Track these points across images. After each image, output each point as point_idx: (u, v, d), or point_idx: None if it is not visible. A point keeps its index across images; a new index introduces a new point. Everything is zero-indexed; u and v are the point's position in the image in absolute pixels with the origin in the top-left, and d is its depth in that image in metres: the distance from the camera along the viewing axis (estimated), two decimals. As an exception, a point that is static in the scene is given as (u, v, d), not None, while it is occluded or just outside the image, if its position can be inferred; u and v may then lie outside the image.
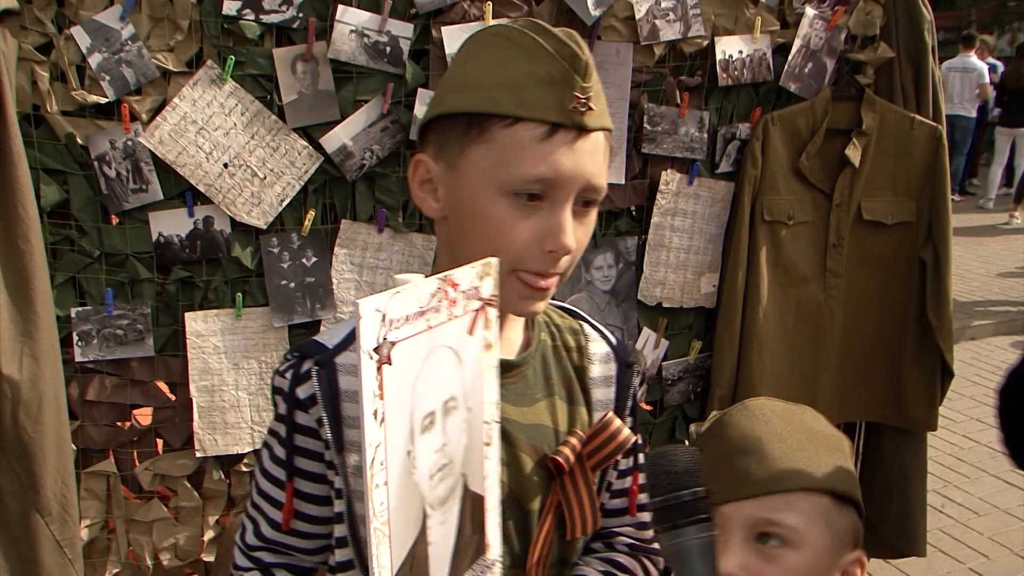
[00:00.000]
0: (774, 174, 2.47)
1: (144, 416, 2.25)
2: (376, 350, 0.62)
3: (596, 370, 1.23)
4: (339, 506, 1.10)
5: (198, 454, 2.22)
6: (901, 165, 2.55)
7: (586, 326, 1.26)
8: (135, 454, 2.25)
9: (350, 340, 1.12)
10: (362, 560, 1.09)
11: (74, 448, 2.14)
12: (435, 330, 0.74)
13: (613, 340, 1.27)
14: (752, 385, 2.50)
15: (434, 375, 0.77)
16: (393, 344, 0.64)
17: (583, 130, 1.00)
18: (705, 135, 2.45)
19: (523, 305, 1.08)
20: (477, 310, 0.79)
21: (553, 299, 2.34)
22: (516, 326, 1.20)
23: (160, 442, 2.27)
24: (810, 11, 2.44)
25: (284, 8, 2.09)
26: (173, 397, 2.23)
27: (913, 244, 2.59)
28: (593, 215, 1.08)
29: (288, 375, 1.12)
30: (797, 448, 1.05)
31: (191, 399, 2.19)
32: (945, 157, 2.56)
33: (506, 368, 1.14)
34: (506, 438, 1.12)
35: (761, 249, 2.49)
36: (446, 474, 0.81)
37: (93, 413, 2.17)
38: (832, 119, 2.48)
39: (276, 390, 1.14)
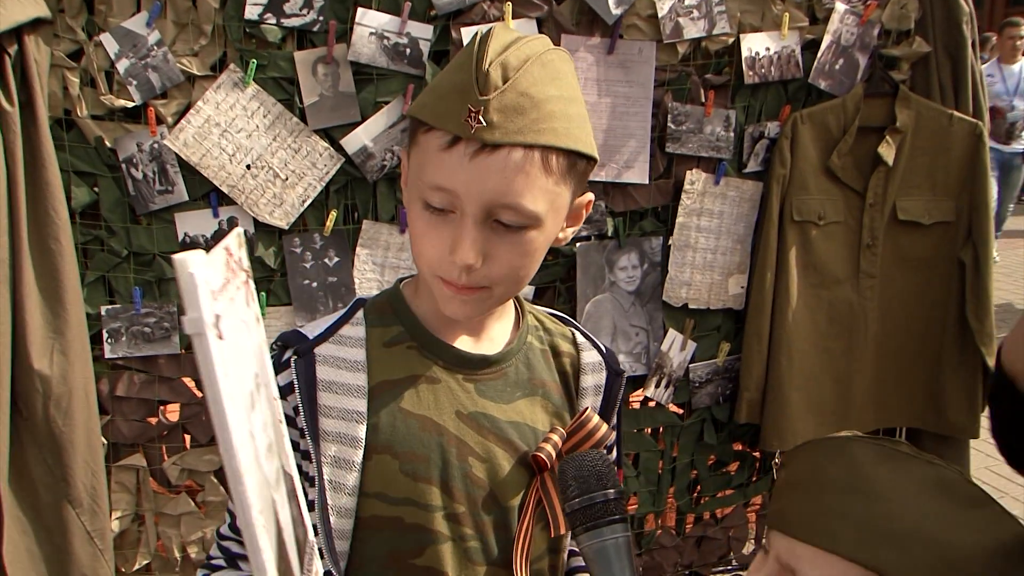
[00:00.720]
0: (804, 173, 2.42)
1: (172, 412, 2.31)
2: (215, 324, 0.62)
3: (588, 380, 1.23)
4: (311, 494, 1.12)
5: (223, 450, 2.26)
6: (939, 163, 2.47)
7: (578, 335, 1.26)
8: (163, 449, 2.31)
9: (332, 331, 1.14)
10: (330, 547, 1.10)
11: (104, 442, 2.20)
12: (235, 302, 0.74)
13: (603, 349, 1.27)
14: (781, 387, 2.45)
15: (244, 350, 0.76)
16: (218, 316, 0.64)
17: (488, 145, 0.97)
18: (732, 134, 2.41)
19: (449, 306, 1.08)
20: (245, 280, 0.77)
21: (573, 298, 2.34)
22: (502, 325, 1.20)
23: (188, 437, 2.32)
24: (840, 6, 2.38)
25: (305, 12, 2.13)
26: (200, 394, 2.28)
27: (952, 244, 2.51)
28: (526, 236, 1.03)
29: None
30: (862, 510, 0.92)
31: (216, 396, 2.23)
32: (985, 154, 2.47)
33: (486, 363, 1.15)
34: (484, 434, 1.13)
35: (790, 249, 2.44)
36: (272, 454, 0.82)
37: (123, 408, 2.24)
38: (865, 116, 2.41)
39: None
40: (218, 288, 0.63)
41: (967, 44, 2.42)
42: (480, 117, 0.96)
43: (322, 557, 1.11)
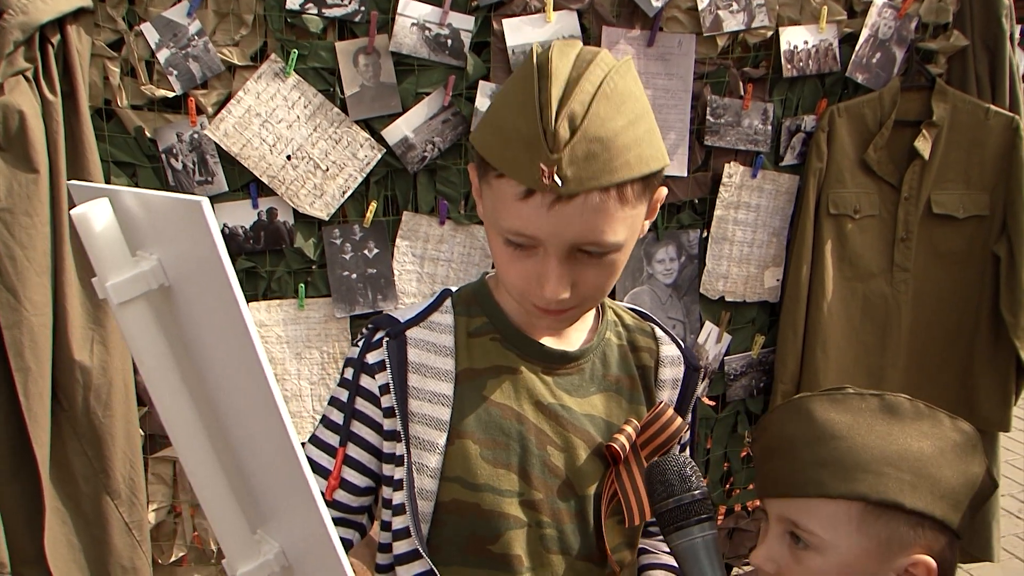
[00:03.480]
0: (840, 166, 2.42)
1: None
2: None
3: (667, 373, 1.25)
4: (399, 473, 1.13)
5: (261, 442, 2.26)
6: (974, 157, 2.48)
7: (657, 330, 1.29)
8: (200, 441, 2.30)
9: (423, 316, 1.18)
10: (416, 527, 1.11)
11: (142, 434, 2.20)
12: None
13: (682, 344, 1.29)
14: (816, 380, 2.46)
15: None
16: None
17: (561, 196, 0.97)
18: (769, 127, 2.41)
19: (540, 323, 1.14)
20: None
21: (612, 290, 2.34)
22: (582, 322, 1.22)
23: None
24: (879, 0, 2.38)
25: (346, 2, 2.11)
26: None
27: (986, 238, 2.52)
28: (609, 260, 1.05)
29: (360, 344, 1.18)
30: (829, 452, 1.02)
31: (254, 388, 2.23)
32: (1022, 148, 2.47)
33: (566, 359, 1.18)
34: (562, 424, 1.16)
35: (826, 243, 2.44)
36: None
37: (160, 400, 2.23)
38: (901, 110, 2.42)
39: (347, 360, 1.20)
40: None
41: (1006, 37, 2.42)
42: (555, 176, 0.95)
43: (408, 536, 1.13)
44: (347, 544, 1.23)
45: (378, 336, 1.16)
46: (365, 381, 1.16)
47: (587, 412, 1.17)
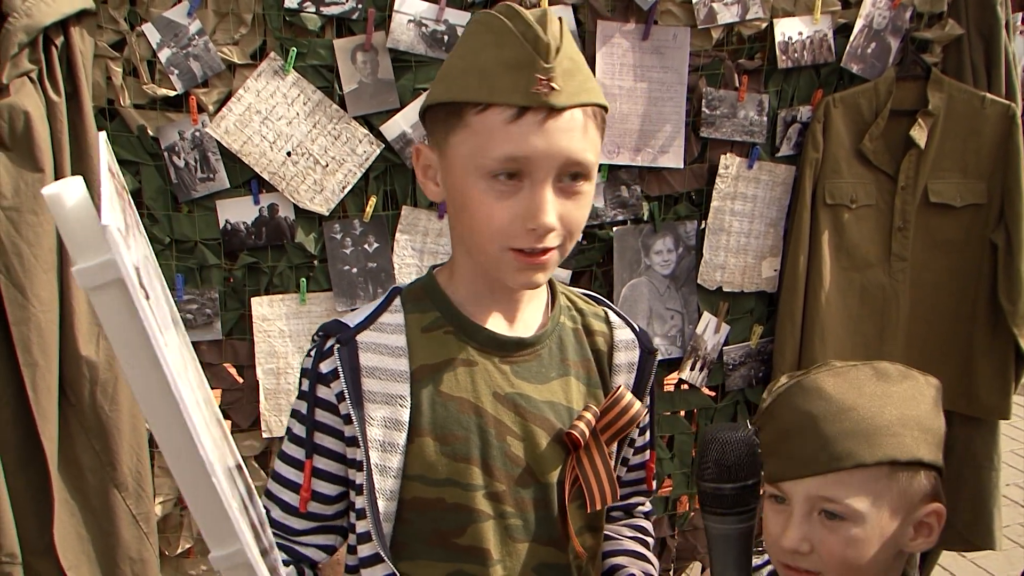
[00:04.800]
0: (836, 157, 2.43)
1: (213, 398, 2.34)
2: (141, 284, 0.56)
3: (621, 357, 1.26)
4: (360, 478, 1.14)
5: (264, 435, 2.29)
6: (971, 145, 2.48)
7: (611, 313, 1.30)
8: (206, 434, 2.34)
9: (372, 319, 1.18)
10: (378, 530, 1.12)
11: (148, 427, 2.23)
12: (135, 235, 0.66)
13: (636, 328, 1.30)
14: (814, 370, 2.47)
15: (159, 291, 0.72)
16: (138, 270, 0.57)
17: (553, 110, 1.03)
18: (765, 118, 2.42)
19: (520, 277, 1.12)
20: (120, 192, 0.70)
21: (610, 282, 2.36)
22: (535, 307, 1.23)
23: (229, 423, 2.35)
24: (873, -11, 2.39)
25: (344, 0, 2.15)
26: (240, 379, 2.31)
27: (984, 226, 2.52)
28: (586, 189, 1.10)
29: (312, 354, 1.19)
30: (853, 423, 1.07)
31: (257, 381, 2.27)
32: (1019, 136, 2.47)
33: (521, 346, 1.19)
34: (521, 413, 1.17)
35: (823, 233, 2.46)
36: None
37: (166, 394, 2.26)
38: (897, 100, 2.43)
39: (303, 371, 1.21)
40: (124, 228, 0.56)
41: (1001, 26, 2.42)
42: (552, 84, 1.02)
43: (370, 540, 1.14)
44: (331, 550, 1.25)
45: (329, 344, 1.17)
46: (322, 391, 1.17)
47: (547, 399, 1.18)
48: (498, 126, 1.04)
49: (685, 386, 2.57)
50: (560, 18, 1.07)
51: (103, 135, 0.55)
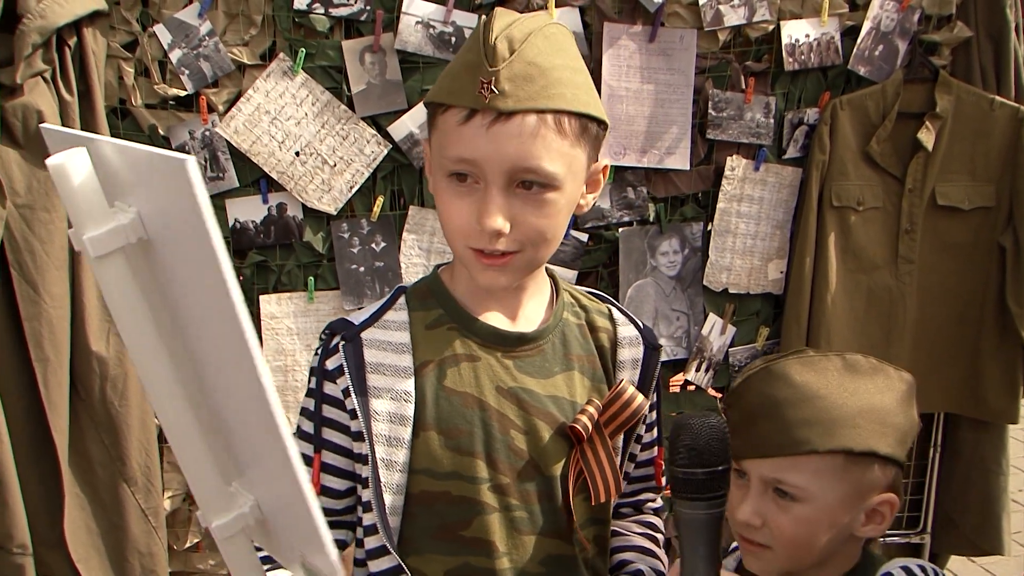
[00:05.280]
0: (843, 159, 2.43)
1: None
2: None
3: (625, 353, 1.27)
4: (366, 471, 1.16)
5: (272, 431, 2.31)
6: (979, 148, 2.48)
7: (614, 310, 1.30)
8: (215, 430, 2.37)
9: (376, 316, 1.21)
10: (384, 524, 1.14)
11: (157, 423, 2.26)
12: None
13: (640, 324, 1.31)
14: (820, 372, 2.48)
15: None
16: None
17: (501, 114, 1.03)
18: (772, 120, 2.43)
19: (482, 277, 1.14)
20: None
21: (616, 283, 2.37)
22: (537, 303, 1.25)
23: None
24: (881, -8, 2.40)
25: (352, 1, 2.17)
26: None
27: (992, 229, 2.52)
28: (548, 198, 1.09)
29: (319, 351, 1.21)
30: (812, 412, 1.13)
31: (266, 378, 2.29)
32: (1028, 139, 2.47)
33: (523, 341, 1.20)
34: (524, 407, 1.18)
35: (829, 235, 2.46)
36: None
37: (175, 390, 2.29)
38: (904, 102, 2.42)
39: (311, 370, 1.23)
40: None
41: (1010, 28, 2.41)
42: (492, 87, 1.02)
43: (376, 532, 1.16)
44: (342, 544, 1.26)
45: (335, 342, 1.18)
46: (328, 388, 1.19)
47: (550, 393, 1.19)
48: (452, 127, 1.07)
49: (691, 387, 2.58)
50: (550, 23, 1.08)
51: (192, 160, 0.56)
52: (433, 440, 1.15)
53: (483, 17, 1.10)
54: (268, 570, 1.18)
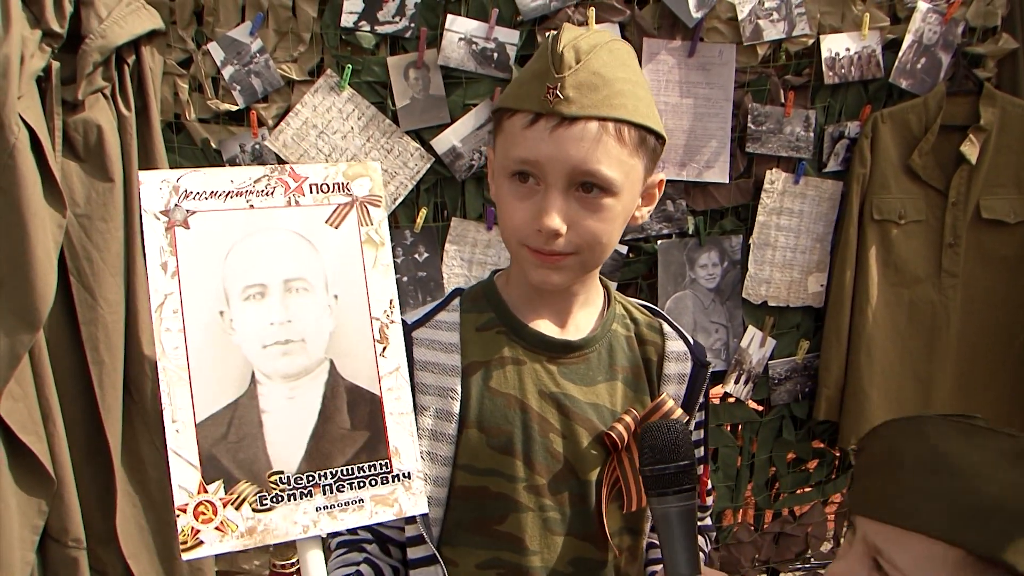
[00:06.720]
0: (884, 172, 2.43)
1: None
2: (164, 212, 0.77)
3: (672, 367, 1.28)
4: None
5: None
6: (1026, 161, 2.46)
7: (665, 325, 1.32)
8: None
9: (428, 317, 1.26)
10: (423, 514, 1.18)
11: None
12: (264, 212, 0.82)
13: (691, 340, 1.33)
14: (861, 385, 2.47)
15: (263, 252, 0.84)
16: (190, 212, 0.76)
17: (564, 119, 1.08)
18: (812, 134, 2.44)
19: (535, 275, 1.18)
20: (344, 204, 0.84)
21: (655, 295, 2.38)
22: (588, 313, 1.28)
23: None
24: (923, 5, 2.39)
25: (397, 19, 2.24)
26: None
27: (1038, 243, 2.49)
28: (605, 203, 1.13)
29: None
30: (946, 489, 0.91)
31: (311, 383, 2.35)
32: (1075, 151, 2.44)
33: (569, 348, 1.24)
34: (565, 412, 1.21)
35: (870, 248, 2.45)
36: (291, 351, 0.88)
37: (224, 394, 2.37)
38: (947, 115, 2.41)
39: None
40: (201, 191, 0.80)
41: (1056, 40, 2.40)
42: (557, 92, 1.07)
43: (414, 521, 1.20)
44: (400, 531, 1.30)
45: None
46: None
47: (592, 401, 1.22)
48: (517, 130, 1.12)
49: (731, 399, 2.58)
50: (615, 39, 1.13)
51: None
52: (475, 437, 1.19)
53: (550, 33, 1.16)
54: (342, 553, 1.25)
